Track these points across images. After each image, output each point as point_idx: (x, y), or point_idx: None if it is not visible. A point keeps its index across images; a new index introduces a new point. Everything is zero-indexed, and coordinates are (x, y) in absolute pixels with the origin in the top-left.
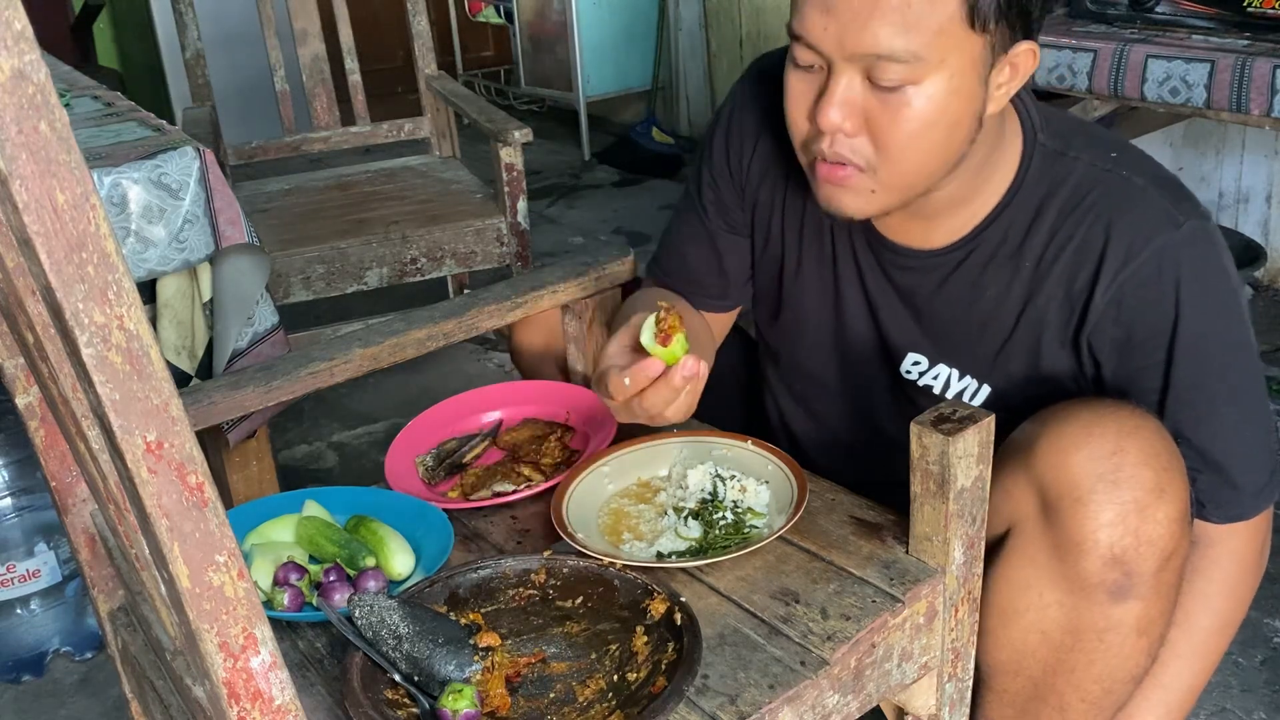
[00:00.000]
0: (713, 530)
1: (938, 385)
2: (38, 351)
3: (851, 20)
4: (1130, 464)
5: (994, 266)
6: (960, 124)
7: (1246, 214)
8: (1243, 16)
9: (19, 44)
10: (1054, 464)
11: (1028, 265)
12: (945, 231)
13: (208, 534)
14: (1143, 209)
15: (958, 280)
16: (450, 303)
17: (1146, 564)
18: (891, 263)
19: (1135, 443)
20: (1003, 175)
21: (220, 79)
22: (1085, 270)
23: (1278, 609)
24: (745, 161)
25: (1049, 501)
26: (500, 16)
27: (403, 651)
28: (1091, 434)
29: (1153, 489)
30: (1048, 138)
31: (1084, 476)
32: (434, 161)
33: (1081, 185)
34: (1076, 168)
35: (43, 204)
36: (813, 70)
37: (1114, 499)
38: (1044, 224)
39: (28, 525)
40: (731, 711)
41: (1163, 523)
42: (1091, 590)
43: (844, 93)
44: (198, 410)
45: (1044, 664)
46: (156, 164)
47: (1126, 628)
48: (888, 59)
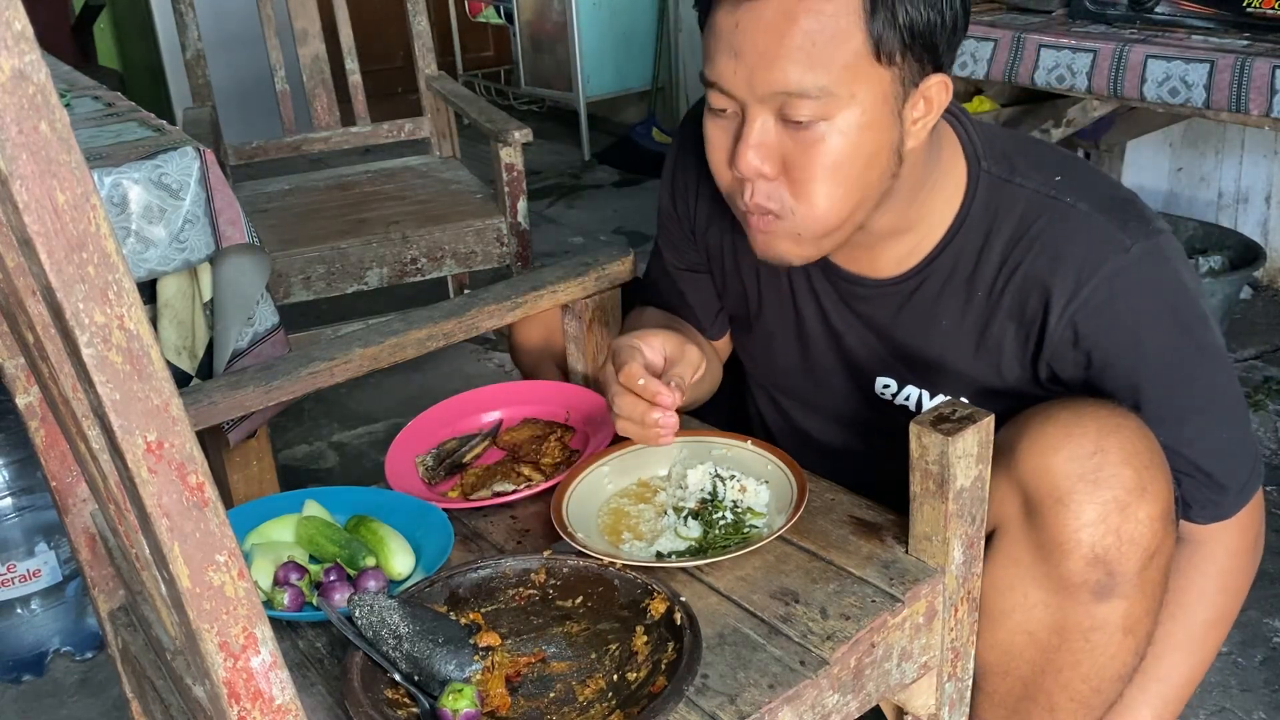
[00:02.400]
0: (712, 530)
1: (911, 404)
2: (38, 351)
3: (759, 61)
4: (1111, 463)
5: (946, 296)
6: (877, 157)
7: (1246, 214)
8: (1242, 17)
9: (19, 44)
10: (1035, 465)
11: (979, 295)
12: (895, 260)
13: (208, 534)
14: (1088, 236)
15: (913, 309)
16: (450, 303)
17: (1129, 563)
18: (848, 292)
19: (1116, 441)
20: (947, 202)
21: (220, 79)
22: (1034, 300)
23: (1277, 609)
24: (691, 207)
25: (1031, 502)
26: (500, 17)
27: (403, 651)
28: (1071, 434)
29: (1134, 488)
30: (991, 163)
31: (1064, 477)
32: (434, 162)
33: (1027, 214)
34: (1021, 194)
35: (43, 204)
36: (728, 115)
37: (1095, 498)
38: (993, 253)
39: (28, 525)
40: (731, 711)
41: (1144, 521)
42: (1075, 590)
43: (759, 135)
44: (198, 410)
45: (1032, 664)
46: (157, 164)
47: (1112, 627)
48: (798, 95)
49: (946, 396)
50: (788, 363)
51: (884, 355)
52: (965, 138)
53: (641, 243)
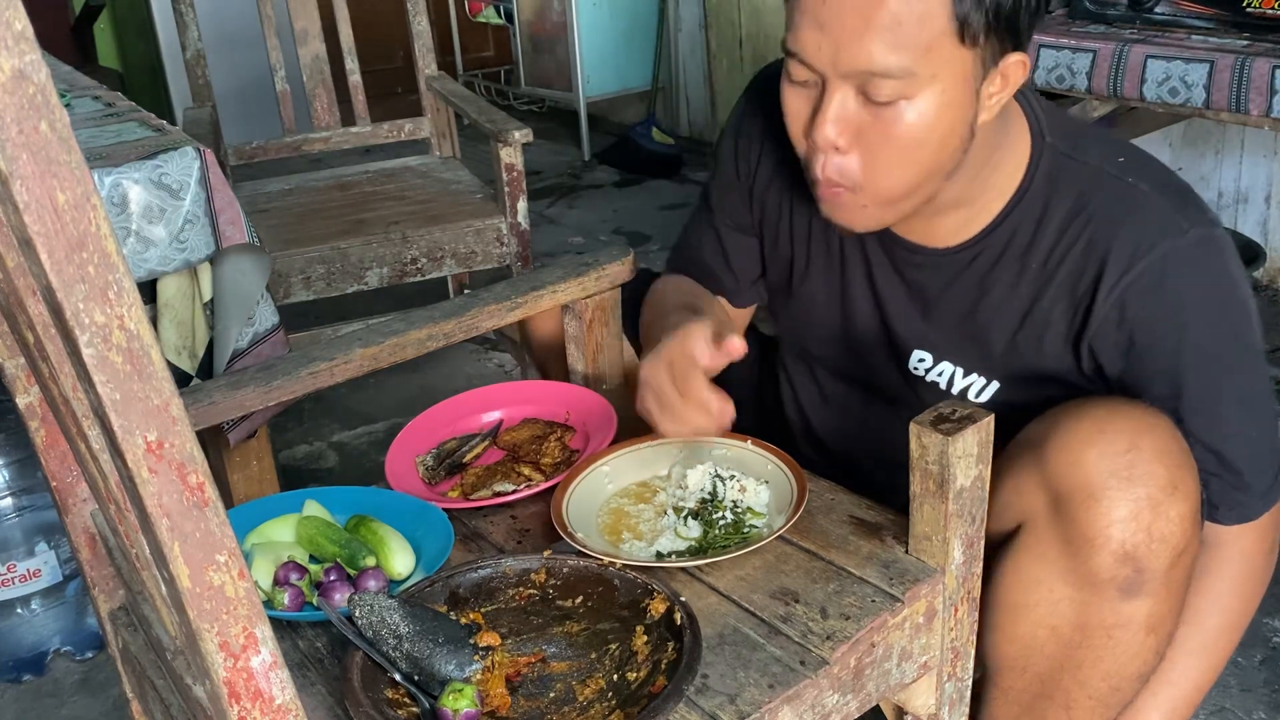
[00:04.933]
0: (712, 530)
1: (942, 381)
2: (38, 351)
3: (844, 38)
4: (1144, 461)
5: (1001, 266)
6: (952, 135)
7: (1246, 214)
8: (1242, 17)
9: (19, 44)
10: (1067, 461)
11: (1034, 266)
12: (953, 230)
13: (208, 534)
14: (1147, 215)
15: (966, 280)
16: (450, 303)
17: (1158, 561)
18: (904, 260)
19: (1149, 440)
20: (1009, 176)
21: (221, 79)
22: (1089, 274)
23: (1277, 609)
24: (752, 167)
25: (1061, 498)
26: (500, 17)
27: (403, 651)
28: (1105, 431)
29: (1166, 486)
30: (1056, 139)
31: (1097, 473)
32: (434, 162)
33: (1088, 189)
34: (1084, 172)
35: (43, 204)
36: (807, 85)
37: (1128, 495)
38: (1050, 226)
39: (28, 525)
40: (731, 711)
41: (1175, 520)
42: (1102, 586)
43: (838, 109)
44: (198, 410)
45: (1052, 660)
46: (157, 164)
47: (1136, 625)
48: (881, 75)
49: (978, 378)
50: (827, 330)
51: (924, 328)
52: (1032, 115)
53: (641, 242)
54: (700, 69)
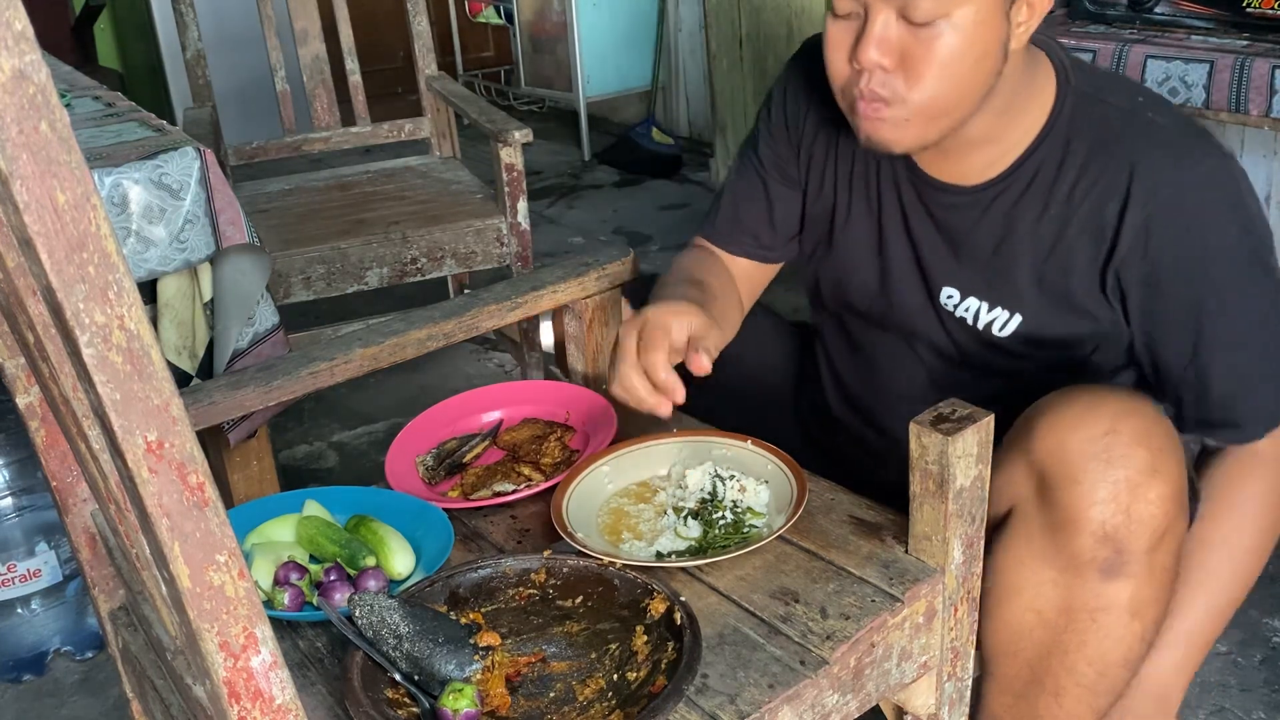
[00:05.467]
0: (712, 530)
1: (969, 316)
2: (38, 351)
3: None
4: (1123, 444)
5: (1025, 202)
6: (988, 54)
7: None
8: (1241, 17)
9: (20, 44)
10: (1050, 444)
11: (1058, 200)
12: (981, 168)
13: (208, 534)
14: (1167, 146)
15: (992, 216)
16: (450, 303)
17: (1138, 542)
18: (933, 200)
19: (1129, 424)
20: (1035, 115)
21: (221, 79)
22: (1113, 205)
23: (1277, 609)
24: (801, 121)
25: (1046, 481)
26: (500, 17)
27: (403, 651)
28: (1087, 416)
29: (1145, 468)
30: (1081, 82)
31: (1078, 455)
32: (434, 162)
33: (1110, 125)
34: (1106, 110)
35: (43, 204)
36: (850, 18)
37: (1106, 477)
38: (1074, 161)
39: (28, 525)
40: (731, 711)
41: (1155, 502)
42: (1084, 568)
43: (881, 31)
44: (198, 410)
45: (1039, 645)
46: (157, 164)
47: (1119, 608)
48: None
49: (1003, 311)
50: (864, 276)
51: (954, 266)
52: (1057, 60)
53: (641, 242)
54: (700, 69)
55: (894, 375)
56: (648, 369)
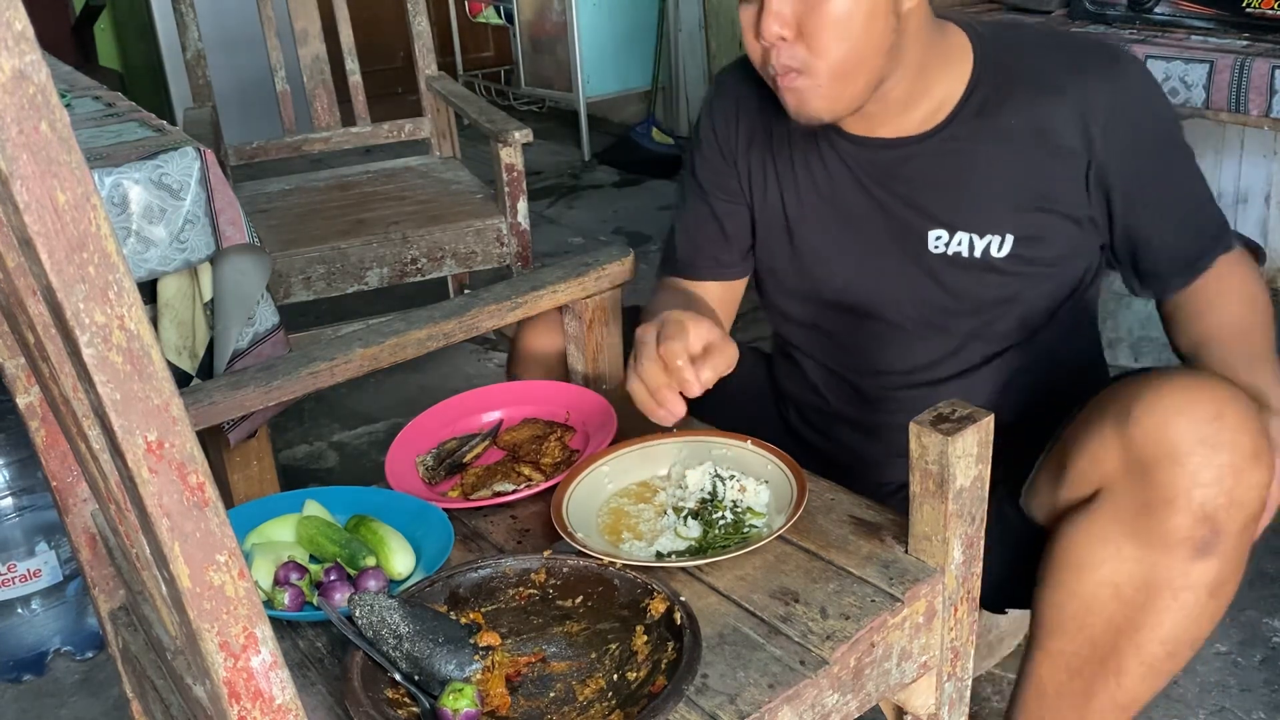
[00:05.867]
0: (712, 530)
1: (964, 249)
2: (38, 351)
3: None
4: (1230, 429)
5: (982, 132)
6: (876, 13)
7: (1246, 214)
8: (1241, 17)
9: (20, 44)
10: (1153, 425)
11: (1013, 122)
12: (924, 117)
13: (208, 534)
14: (1093, 51)
15: (952, 154)
16: (450, 303)
17: (1234, 524)
18: (887, 158)
19: (1235, 409)
20: (960, 64)
21: (221, 79)
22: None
23: (1277, 609)
24: (732, 137)
25: (1144, 463)
26: (500, 17)
27: (403, 651)
28: (1194, 400)
29: (1250, 454)
30: (985, 29)
31: (1185, 439)
32: (434, 162)
33: (1036, 47)
34: (1023, 37)
35: (44, 204)
36: (752, 1)
37: (1213, 461)
38: (1018, 83)
39: (28, 525)
40: (731, 711)
41: (1255, 487)
42: (1176, 546)
43: (776, 6)
44: (198, 410)
45: (1109, 622)
46: (157, 164)
47: (1202, 587)
48: None
49: (994, 236)
50: (835, 264)
51: (931, 211)
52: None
53: (641, 243)
54: (700, 69)
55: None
56: (665, 358)
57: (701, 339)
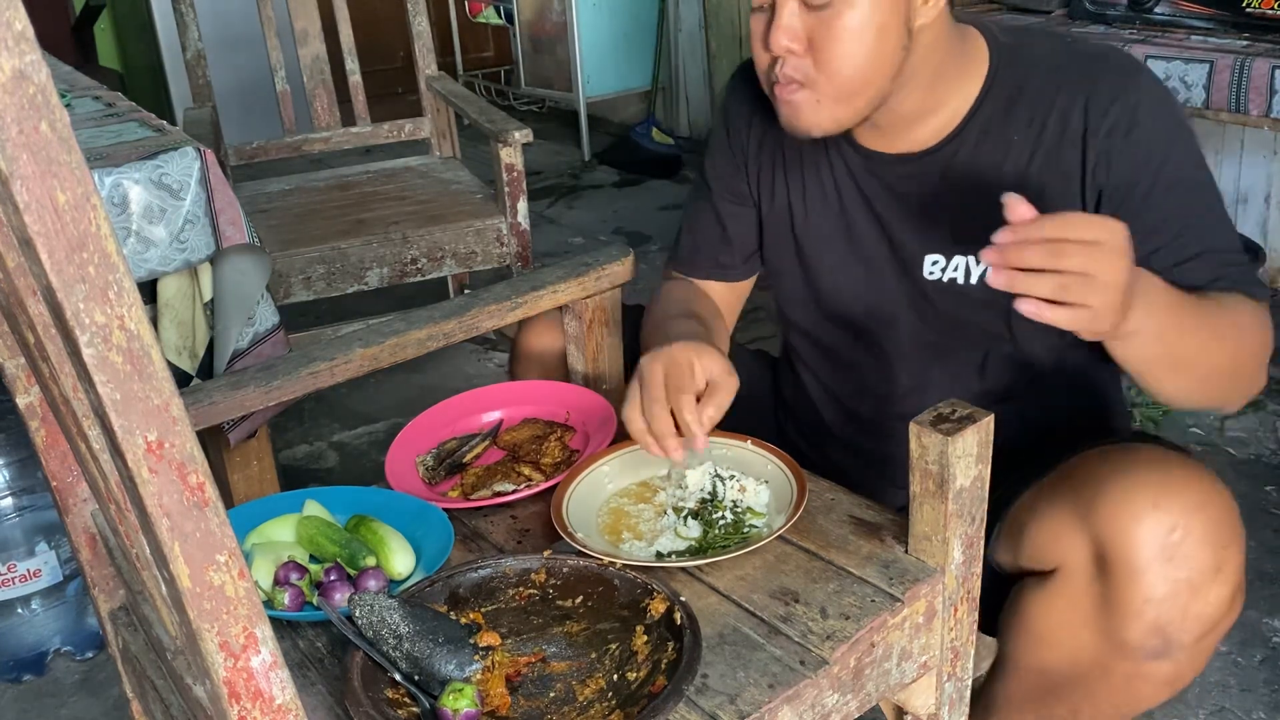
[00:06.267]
0: (712, 530)
1: (959, 275)
2: (38, 351)
3: None
4: (1191, 543)
5: (986, 148)
6: (888, 30)
7: (1245, 214)
8: (1241, 17)
9: (20, 44)
10: (1115, 528)
11: (1016, 138)
12: (932, 133)
13: (208, 534)
14: (1109, 67)
15: (953, 173)
16: (450, 303)
17: (1189, 636)
18: (891, 174)
19: (1199, 520)
20: (973, 77)
21: (221, 79)
22: (1073, 128)
23: (1277, 609)
24: (744, 138)
25: (1104, 561)
26: (500, 17)
27: (403, 651)
28: (1158, 505)
29: (1209, 569)
30: (1006, 37)
31: (1143, 549)
32: (434, 162)
33: (1049, 61)
34: (1040, 50)
35: (43, 204)
36: (763, 10)
37: (1168, 576)
38: (1025, 98)
39: (28, 525)
40: (731, 711)
41: (1213, 603)
42: (1130, 650)
43: (787, 19)
44: (198, 410)
45: (1069, 680)
46: (157, 164)
47: (1157, 680)
48: None
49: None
50: (837, 275)
51: (929, 232)
52: (986, 30)
53: (641, 243)
54: (700, 69)
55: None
56: (675, 409)
57: (705, 374)
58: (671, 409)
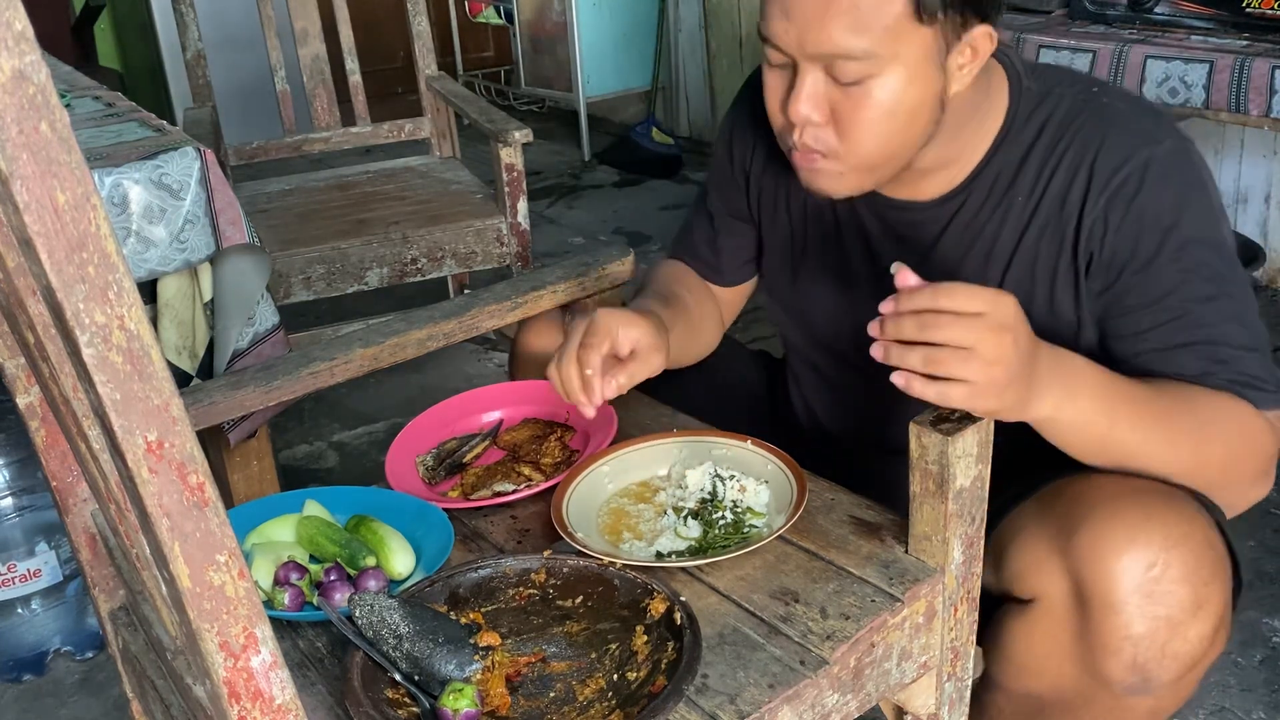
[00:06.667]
0: (712, 530)
1: None
2: (38, 351)
3: (807, 24)
4: (1170, 579)
5: (988, 207)
6: (920, 109)
7: (1245, 214)
8: (1241, 17)
9: (19, 44)
10: (1093, 562)
11: (1020, 199)
12: (943, 183)
13: (208, 534)
14: (1125, 128)
15: (956, 226)
16: (450, 303)
17: (1168, 674)
18: (895, 219)
19: (1179, 555)
20: (991, 124)
21: (221, 79)
22: (1075, 192)
23: (1277, 609)
24: (748, 155)
25: (1083, 595)
26: (500, 17)
27: (403, 651)
28: (1135, 540)
29: (1188, 606)
30: (1032, 82)
31: (1121, 585)
32: (434, 162)
33: (1067, 116)
34: (1061, 103)
35: (43, 204)
36: (783, 67)
37: (1147, 614)
38: (1034, 158)
39: (28, 525)
40: (731, 711)
41: (1193, 640)
42: (1110, 684)
43: (810, 88)
44: (198, 410)
45: (1053, 705)
46: (157, 164)
47: (1140, 712)
48: (844, 58)
49: None
50: (831, 303)
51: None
52: (1011, 68)
53: (641, 243)
54: (700, 69)
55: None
56: (580, 362)
57: (630, 342)
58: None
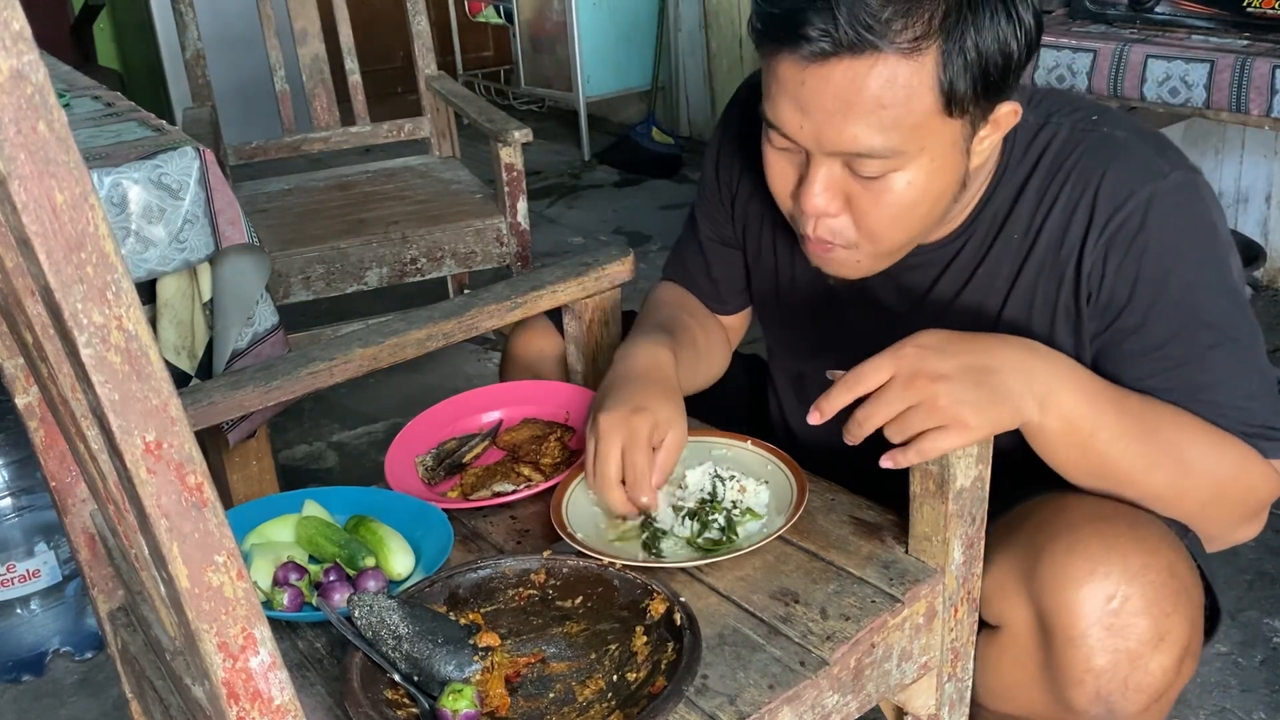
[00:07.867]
0: (711, 530)
1: None
2: (37, 352)
3: (827, 122)
4: (1130, 611)
5: (984, 246)
6: (944, 195)
7: (1246, 214)
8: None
9: (17, 44)
10: (1054, 592)
11: (1015, 237)
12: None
13: (207, 534)
14: (1127, 161)
15: (955, 268)
16: (450, 303)
17: (1134, 705)
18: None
19: (1140, 587)
20: (989, 165)
21: (220, 79)
22: (1075, 231)
23: (1277, 609)
24: (734, 181)
25: (1045, 625)
26: (500, 17)
27: (402, 651)
28: (1095, 573)
29: (1150, 639)
30: (1029, 112)
31: (1081, 617)
32: (434, 161)
33: (1064, 147)
34: (1059, 134)
35: (41, 204)
36: (791, 151)
37: (1108, 646)
38: (1029, 193)
39: (28, 525)
40: (731, 711)
41: (1155, 673)
42: (1078, 714)
43: (825, 180)
44: (197, 410)
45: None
46: (156, 164)
47: None
48: (866, 156)
49: None
50: (816, 337)
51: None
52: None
53: (641, 243)
54: (700, 69)
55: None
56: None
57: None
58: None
